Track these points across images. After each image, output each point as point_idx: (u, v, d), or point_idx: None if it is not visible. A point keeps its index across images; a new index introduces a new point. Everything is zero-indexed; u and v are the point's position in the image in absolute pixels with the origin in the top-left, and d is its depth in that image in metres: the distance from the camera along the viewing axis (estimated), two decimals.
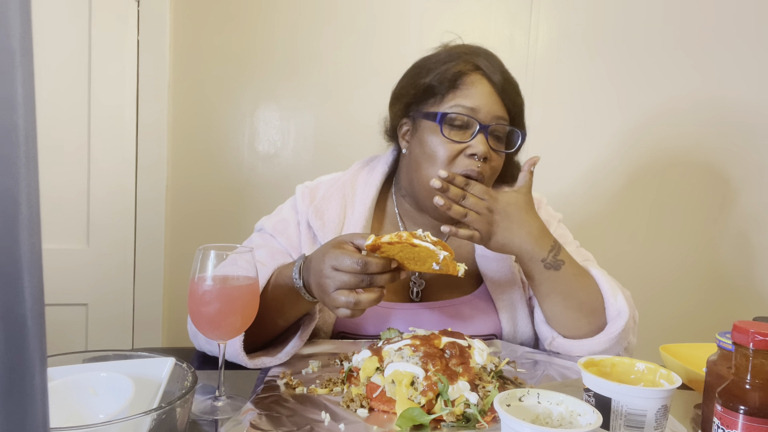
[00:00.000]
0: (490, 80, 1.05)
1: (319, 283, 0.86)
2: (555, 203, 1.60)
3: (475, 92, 1.05)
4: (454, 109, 1.05)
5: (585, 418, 0.62)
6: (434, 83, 1.07)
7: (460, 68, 1.06)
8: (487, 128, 1.05)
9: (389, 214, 1.21)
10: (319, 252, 0.89)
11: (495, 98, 1.06)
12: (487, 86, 1.06)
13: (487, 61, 1.07)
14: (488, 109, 1.05)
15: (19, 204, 0.28)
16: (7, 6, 0.27)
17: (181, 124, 1.94)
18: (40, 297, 0.29)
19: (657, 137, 2.12)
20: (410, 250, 0.82)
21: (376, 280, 0.84)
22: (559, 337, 1.05)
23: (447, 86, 1.06)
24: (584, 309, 1.03)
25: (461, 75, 1.06)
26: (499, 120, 1.06)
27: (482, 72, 1.06)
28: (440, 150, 1.05)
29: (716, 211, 2.17)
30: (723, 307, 2.19)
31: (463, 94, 1.05)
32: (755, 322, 0.63)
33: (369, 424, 0.75)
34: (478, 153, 1.03)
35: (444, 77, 1.06)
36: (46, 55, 1.71)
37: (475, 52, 1.09)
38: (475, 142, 1.04)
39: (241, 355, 0.92)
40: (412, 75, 1.13)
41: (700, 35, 2.09)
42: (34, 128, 0.29)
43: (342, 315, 0.85)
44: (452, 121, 1.05)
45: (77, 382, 0.68)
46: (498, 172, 1.11)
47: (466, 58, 1.07)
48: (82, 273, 1.81)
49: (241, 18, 1.95)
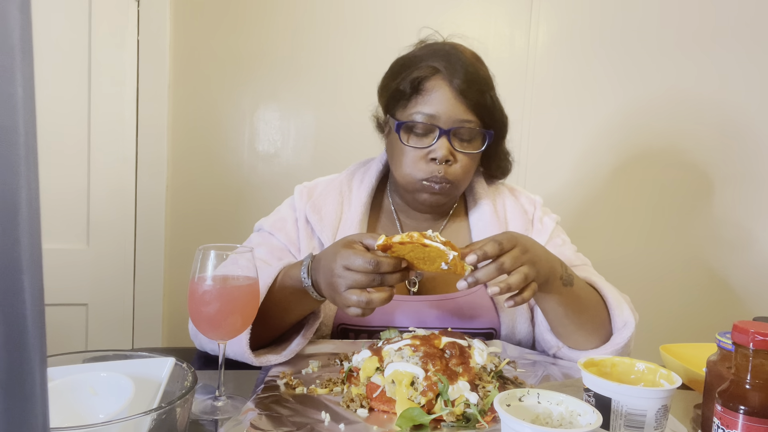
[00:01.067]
0: (450, 84, 1.05)
1: (330, 283, 0.87)
2: (553, 203, 1.60)
3: (434, 97, 1.06)
4: (416, 117, 1.06)
5: (585, 418, 0.62)
6: (401, 87, 1.09)
7: (421, 73, 1.07)
8: (449, 132, 1.06)
9: (385, 210, 1.23)
10: (329, 251, 0.90)
11: (455, 102, 1.05)
12: (447, 90, 1.05)
13: (448, 63, 1.06)
14: (449, 114, 1.05)
15: (19, 204, 0.28)
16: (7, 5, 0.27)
17: (181, 123, 1.94)
18: (40, 297, 0.29)
19: (656, 137, 2.12)
20: (421, 250, 0.83)
21: (387, 279, 0.85)
22: (564, 347, 1.05)
23: (411, 91, 1.08)
24: (595, 322, 1.02)
25: (422, 80, 1.07)
26: (463, 122, 1.06)
27: (442, 75, 1.06)
28: (404, 155, 1.09)
29: (716, 210, 2.17)
30: (723, 307, 2.19)
31: (424, 100, 1.06)
32: (755, 322, 0.63)
33: (369, 424, 0.75)
34: (438, 157, 1.05)
35: (407, 82, 1.07)
36: (46, 55, 1.71)
37: (438, 53, 1.08)
38: (436, 147, 1.05)
39: (247, 353, 0.92)
40: (387, 76, 1.15)
41: (699, 35, 2.09)
42: (34, 128, 0.29)
43: (353, 314, 0.86)
44: (413, 128, 1.08)
45: (77, 382, 0.68)
46: (470, 170, 1.11)
47: (427, 61, 1.08)
48: (82, 273, 1.81)
49: (241, 18, 1.95)
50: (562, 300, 0.98)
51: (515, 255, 0.88)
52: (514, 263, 0.87)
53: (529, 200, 1.25)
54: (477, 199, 1.21)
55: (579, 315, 1.01)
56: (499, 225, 1.17)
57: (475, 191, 1.22)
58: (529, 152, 2.08)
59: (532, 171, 2.09)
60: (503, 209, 1.21)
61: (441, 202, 1.13)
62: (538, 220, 1.22)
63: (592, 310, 1.02)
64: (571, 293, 0.98)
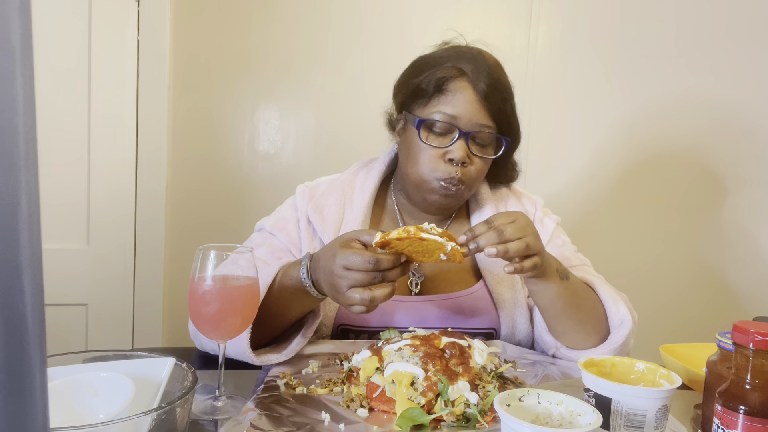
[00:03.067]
0: (475, 87, 1.06)
1: (331, 283, 0.87)
2: (554, 203, 1.60)
3: (458, 99, 1.06)
4: (436, 116, 1.06)
5: (585, 418, 0.62)
6: (423, 86, 1.09)
7: (446, 73, 1.07)
8: (468, 135, 1.06)
9: (388, 210, 1.23)
10: (327, 252, 0.90)
11: (478, 106, 1.06)
12: (471, 93, 1.06)
13: (474, 66, 1.07)
14: (470, 117, 1.06)
15: (19, 204, 0.28)
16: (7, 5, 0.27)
17: (181, 124, 1.94)
18: (40, 297, 0.29)
19: (657, 136, 2.12)
20: (419, 243, 0.83)
21: (388, 275, 0.85)
22: (563, 347, 1.05)
23: (433, 90, 1.08)
24: (592, 320, 1.02)
25: (446, 80, 1.07)
26: (482, 127, 1.06)
27: (468, 78, 1.06)
28: (421, 153, 1.08)
29: (717, 211, 2.17)
30: (723, 307, 2.19)
31: (447, 100, 1.07)
32: (755, 322, 0.63)
33: (369, 424, 0.75)
34: (456, 158, 1.05)
35: (431, 81, 1.08)
36: (46, 55, 1.72)
37: (465, 56, 1.09)
38: (454, 148, 1.06)
39: (247, 352, 0.92)
40: (408, 73, 1.15)
41: (698, 35, 2.09)
42: (34, 128, 0.29)
43: (357, 312, 0.86)
44: (432, 127, 1.07)
45: (77, 382, 0.68)
46: (482, 175, 1.12)
47: (454, 62, 1.08)
48: (82, 273, 1.81)
49: (241, 18, 1.95)
50: (559, 292, 0.98)
51: (518, 225, 0.90)
52: (516, 232, 0.89)
53: (530, 201, 1.26)
54: (481, 203, 1.21)
55: (575, 311, 1.01)
56: None
57: (479, 195, 1.22)
58: (529, 152, 2.08)
59: (532, 171, 2.09)
60: (505, 210, 1.21)
61: (451, 204, 1.13)
62: (539, 221, 1.22)
63: (589, 307, 1.03)
64: (568, 287, 0.99)
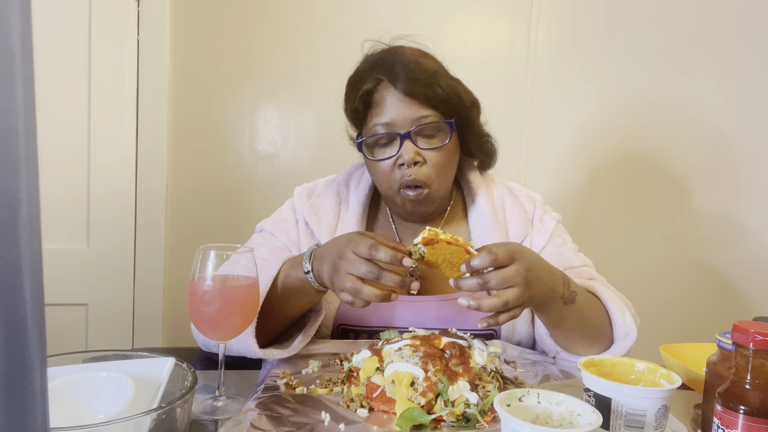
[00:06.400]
0: (396, 87, 1.05)
1: (334, 263, 0.88)
2: (553, 202, 1.60)
3: (386, 105, 1.06)
4: (372, 130, 1.07)
5: (585, 418, 0.62)
6: (355, 106, 1.10)
7: (368, 87, 1.07)
8: (408, 134, 1.05)
9: (383, 212, 1.23)
10: (343, 236, 0.91)
11: (407, 101, 1.05)
12: (394, 94, 1.05)
13: (389, 67, 1.06)
14: (403, 117, 1.05)
15: (19, 204, 0.28)
16: (7, 6, 0.27)
17: (181, 124, 1.94)
18: (40, 297, 0.29)
19: (657, 136, 2.12)
20: (461, 254, 0.84)
21: (384, 275, 0.84)
22: (563, 352, 1.05)
23: (363, 107, 1.09)
24: (596, 335, 1.01)
25: (370, 93, 1.07)
26: (419, 120, 1.05)
27: (385, 82, 1.06)
28: (376, 170, 1.10)
29: (718, 211, 2.17)
30: (723, 307, 2.19)
31: (378, 111, 1.07)
32: (755, 322, 0.63)
33: (369, 424, 0.75)
34: (405, 161, 1.05)
35: (359, 100, 1.08)
36: (46, 55, 1.71)
37: (378, 62, 1.08)
38: (402, 151, 1.05)
39: (254, 348, 0.92)
40: (345, 99, 1.16)
41: (700, 36, 2.09)
42: (34, 128, 0.29)
43: (344, 299, 0.86)
44: (376, 142, 1.08)
45: (77, 382, 0.68)
46: (444, 167, 1.09)
47: (370, 73, 1.08)
48: (82, 273, 1.81)
49: (241, 18, 1.95)
50: (563, 316, 0.96)
51: (506, 275, 0.84)
52: (500, 283, 0.84)
53: (528, 198, 1.23)
54: (474, 192, 1.19)
55: (579, 329, 0.99)
56: (498, 226, 1.16)
57: (470, 185, 1.21)
58: (528, 152, 2.08)
59: (532, 170, 2.09)
60: (502, 209, 1.19)
61: (424, 209, 1.12)
62: (539, 219, 1.20)
63: (594, 323, 1.00)
64: (573, 310, 0.96)
